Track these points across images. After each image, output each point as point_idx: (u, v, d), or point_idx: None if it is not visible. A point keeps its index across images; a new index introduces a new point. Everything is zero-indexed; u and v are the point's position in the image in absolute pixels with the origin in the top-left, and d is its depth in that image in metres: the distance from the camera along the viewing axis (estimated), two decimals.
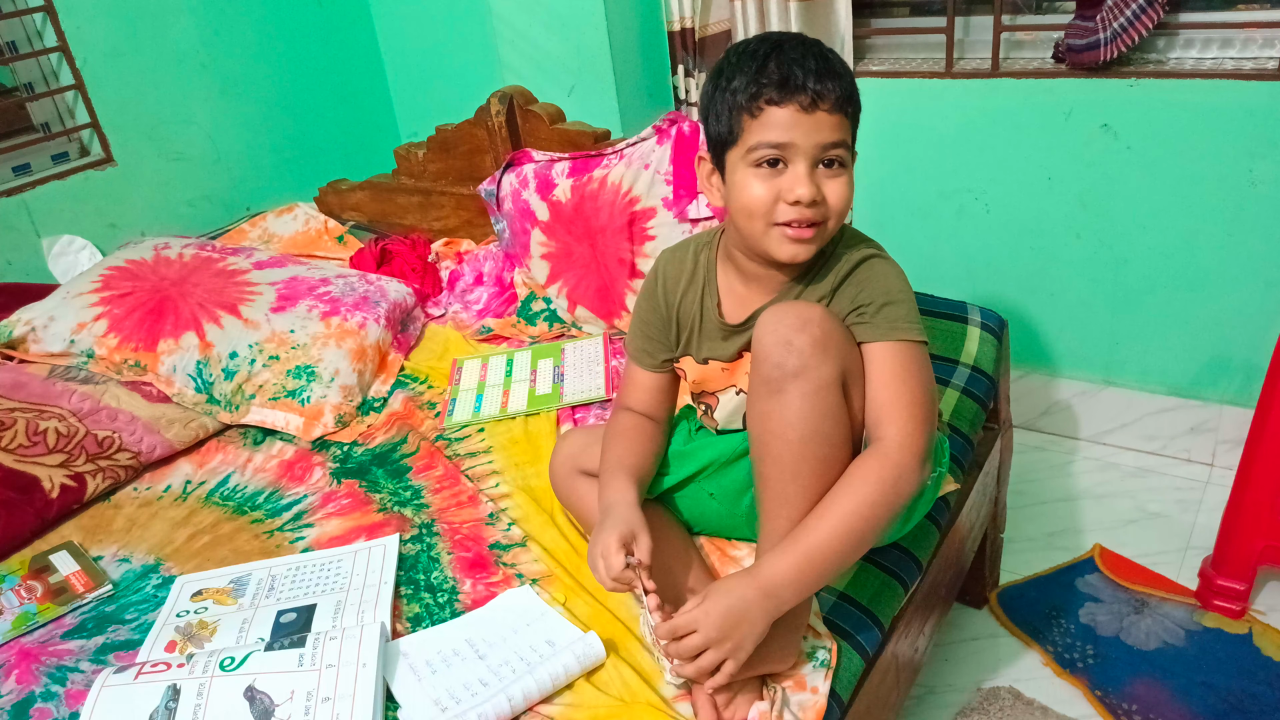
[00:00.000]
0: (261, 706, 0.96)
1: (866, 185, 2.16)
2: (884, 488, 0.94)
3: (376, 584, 1.17)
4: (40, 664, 1.13)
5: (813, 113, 0.94)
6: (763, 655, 0.95)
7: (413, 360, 1.75)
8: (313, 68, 2.40)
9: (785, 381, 0.94)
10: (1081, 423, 2.12)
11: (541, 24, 2.19)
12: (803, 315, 0.95)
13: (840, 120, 0.96)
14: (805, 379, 0.93)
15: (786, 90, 0.94)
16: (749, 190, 0.98)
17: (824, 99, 0.94)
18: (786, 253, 0.99)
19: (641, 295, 1.19)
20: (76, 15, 1.95)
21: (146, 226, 2.11)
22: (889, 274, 1.03)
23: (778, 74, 0.95)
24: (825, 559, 0.93)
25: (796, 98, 0.94)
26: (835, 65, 0.96)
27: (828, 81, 0.94)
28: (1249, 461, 1.52)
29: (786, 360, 0.93)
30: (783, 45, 0.97)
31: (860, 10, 2.04)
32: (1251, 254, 1.80)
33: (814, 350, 0.93)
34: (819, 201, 0.97)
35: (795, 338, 0.94)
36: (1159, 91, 1.77)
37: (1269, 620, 1.59)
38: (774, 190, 0.97)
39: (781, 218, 0.98)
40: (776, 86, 0.95)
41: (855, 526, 0.94)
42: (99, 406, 1.54)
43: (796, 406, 0.94)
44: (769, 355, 0.95)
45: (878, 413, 0.98)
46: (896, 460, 0.95)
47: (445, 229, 2.10)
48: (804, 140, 0.95)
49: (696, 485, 1.15)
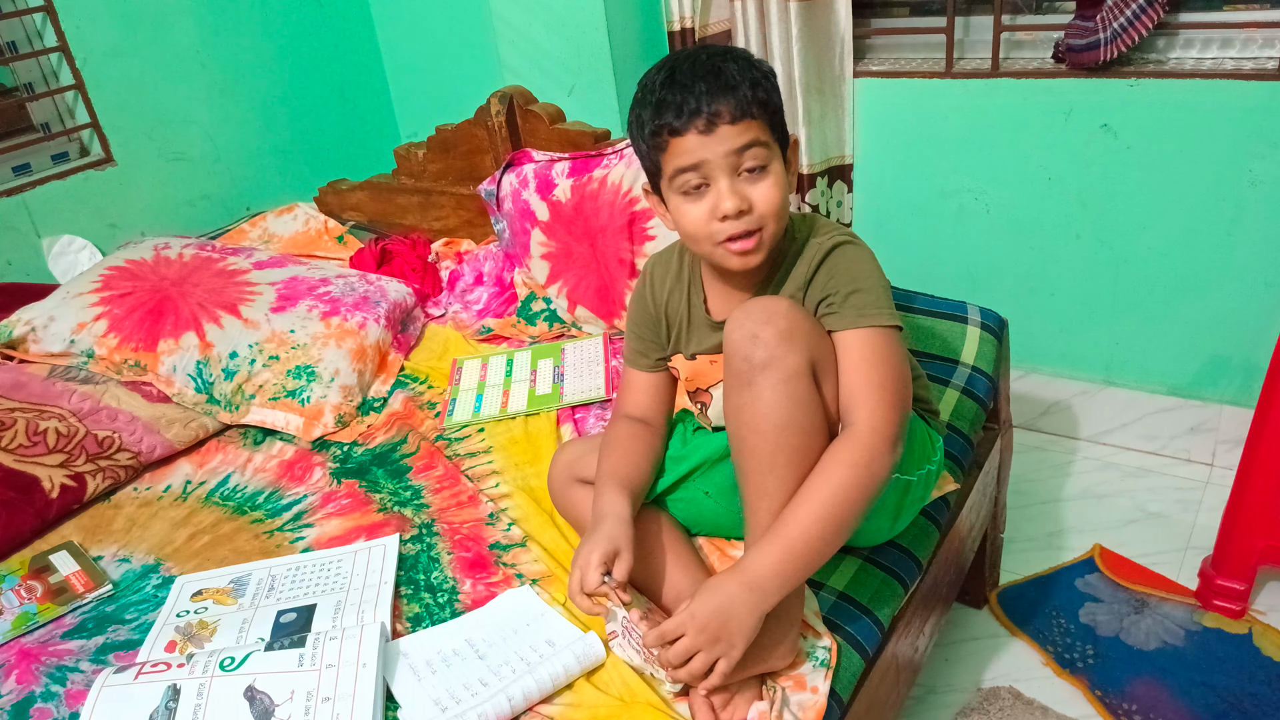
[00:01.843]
0: (261, 706, 0.96)
1: (867, 185, 2.18)
2: (857, 471, 0.95)
3: (376, 584, 1.17)
4: (40, 664, 1.13)
5: (713, 131, 0.97)
6: (758, 654, 0.96)
7: (413, 360, 1.75)
8: (313, 68, 2.41)
9: (754, 374, 0.95)
10: (1081, 423, 2.12)
11: (541, 24, 2.19)
12: (768, 309, 0.97)
13: (746, 125, 0.97)
14: (773, 370, 0.95)
15: (681, 117, 0.97)
16: (685, 217, 1.02)
17: (720, 116, 0.96)
18: (736, 264, 1.03)
19: (632, 299, 1.22)
20: (76, 15, 1.95)
21: (146, 226, 2.11)
22: (857, 259, 1.04)
23: (672, 104, 0.97)
24: (807, 548, 0.94)
25: (693, 123, 0.97)
26: (728, 77, 0.97)
27: (720, 98, 0.96)
28: (1249, 461, 1.52)
29: (754, 353, 0.95)
30: (674, 71, 0.99)
31: (860, 10, 2.04)
32: (1251, 254, 1.80)
33: (780, 341, 0.95)
34: (747, 210, 0.99)
35: (761, 330, 0.95)
36: (1159, 91, 1.77)
37: (1269, 620, 1.59)
38: (704, 211, 1.00)
39: (720, 236, 1.00)
40: (674, 116, 0.97)
41: (833, 513, 0.94)
42: (99, 406, 1.54)
43: (767, 398, 0.95)
44: (737, 350, 0.96)
45: (848, 399, 0.99)
46: (868, 444, 0.96)
47: (445, 229, 2.10)
48: (714, 156, 0.98)
49: (692, 484, 1.15)
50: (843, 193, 2.15)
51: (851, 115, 2.08)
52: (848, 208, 2.18)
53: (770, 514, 0.96)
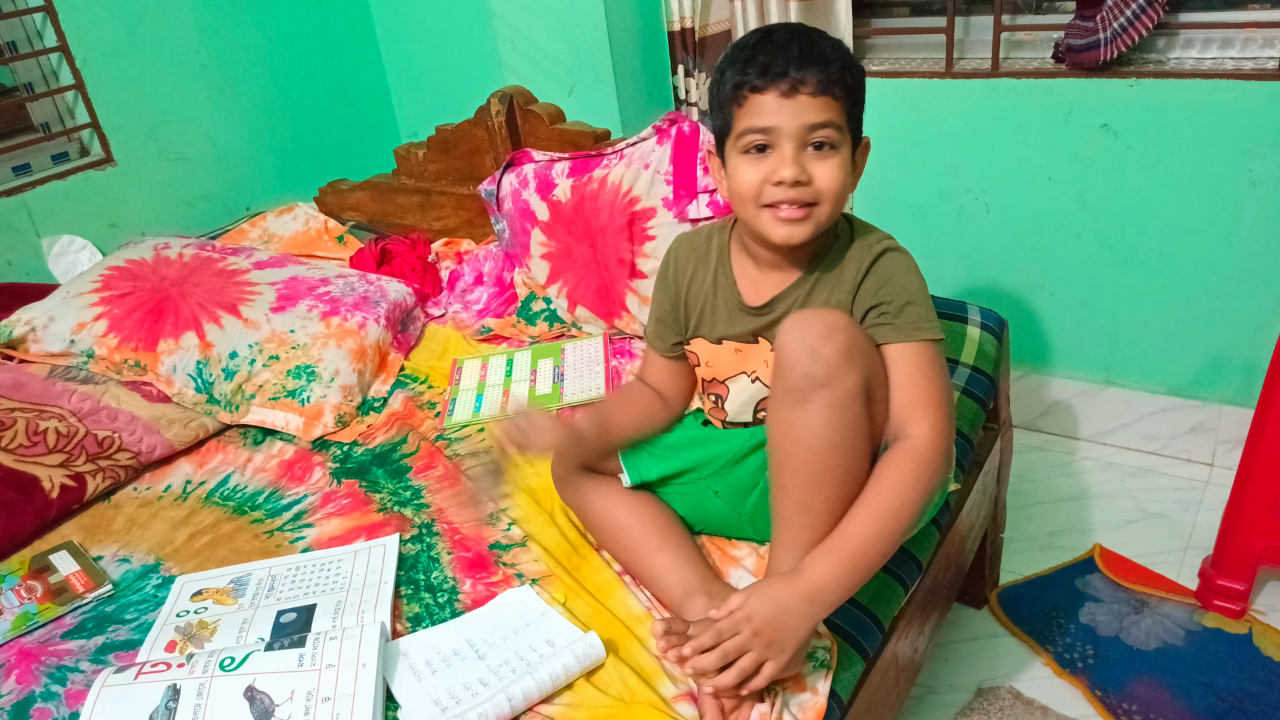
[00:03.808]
0: (261, 706, 0.96)
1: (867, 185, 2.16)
2: (920, 487, 0.95)
3: (376, 584, 1.17)
4: (40, 664, 1.13)
5: (794, 97, 0.97)
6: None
7: (413, 360, 1.75)
8: (313, 68, 2.40)
9: (812, 391, 0.93)
10: (1081, 423, 2.12)
11: (541, 24, 2.19)
12: (828, 323, 0.95)
13: (826, 102, 0.97)
14: (832, 389, 0.93)
15: (767, 77, 0.97)
16: (740, 176, 1.01)
17: (805, 84, 0.96)
18: (779, 234, 1.01)
19: (656, 280, 1.20)
20: (76, 15, 1.95)
21: (146, 226, 2.10)
22: (908, 270, 1.04)
23: (760, 63, 0.97)
24: (868, 560, 0.94)
25: (777, 84, 0.97)
26: (822, 50, 0.98)
27: (810, 66, 0.96)
28: (1249, 461, 1.52)
29: (814, 370, 0.93)
30: (771, 35, 1.00)
31: (860, 10, 2.04)
32: (1251, 254, 1.80)
33: (840, 359, 0.93)
34: (804, 182, 0.98)
35: (821, 346, 0.93)
36: (1159, 91, 1.77)
37: (1269, 620, 1.59)
38: (761, 173, 0.99)
39: (769, 199, 1.00)
40: (758, 74, 0.97)
41: (894, 528, 0.95)
42: (99, 406, 1.54)
43: (823, 417, 0.94)
44: (795, 364, 0.94)
45: (903, 411, 0.99)
46: (929, 459, 0.96)
47: (445, 229, 2.10)
48: (787, 123, 0.97)
49: (701, 482, 1.14)
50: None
51: None
52: (848, 208, 2.17)
53: (812, 530, 0.96)
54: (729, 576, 1.11)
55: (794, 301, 1.06)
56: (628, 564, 1.14)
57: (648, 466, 1.15)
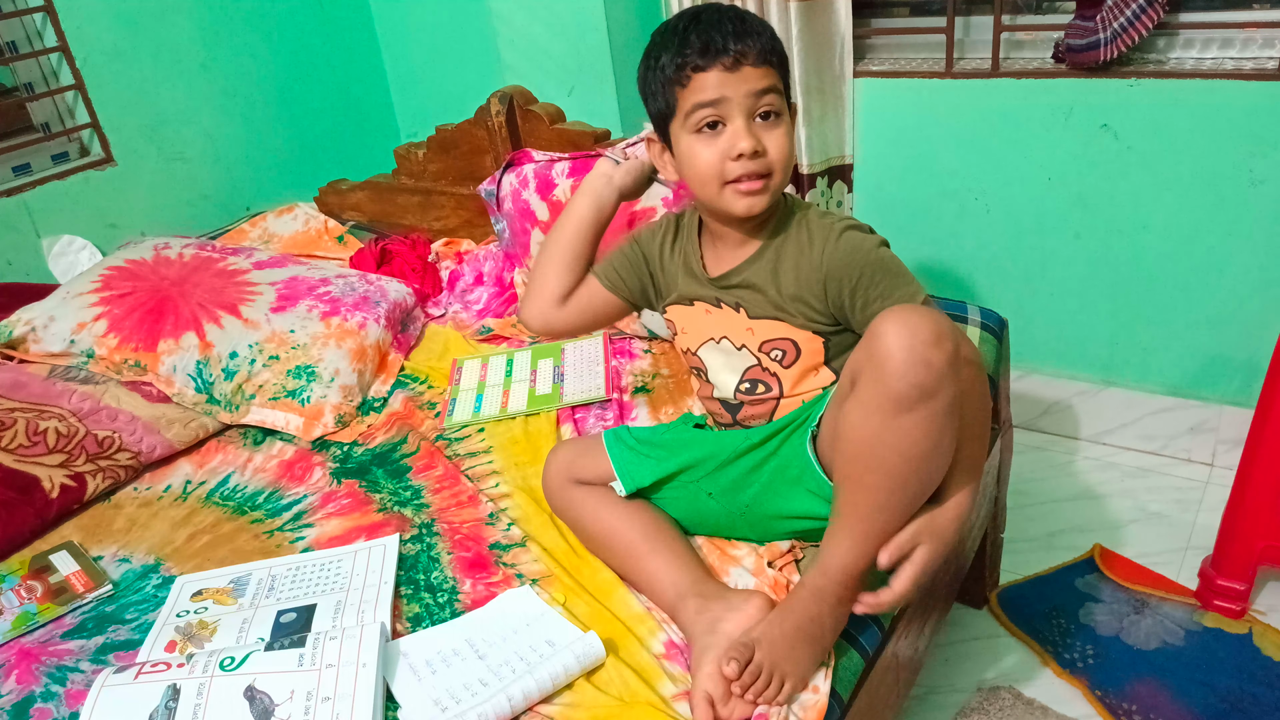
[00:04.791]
0: (261, 706, 0.96)
1: (867, 185, 2.18)
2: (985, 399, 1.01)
3: (376, 584, 1.17)
4: (40, 664, 1.13)
5: (737, 70, 1.01)
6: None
7: (413, 360, 1.75)
8: (313, 68, 2.41)
9: (919, 402, 0.90)
10: (1081, 423, 2.12)
11: (541, 24, 2.19)
12: (936, 328, 0.90)
13: (767, 71, 1.02)
14: (938, 399, 0.91)
15: (709, 55, 1.01)
16: (697, 157, 1.05)
17: (746, 56, 1.01)
18: (742, 207, 1.05)
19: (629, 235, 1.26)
20: (76, 15, 1.95)
21: (146, 226, 2.11)
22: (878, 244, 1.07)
23: (699, 42, 1.01)
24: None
25: (720, 60, 1.01)
26: (752, 24, 1.03)
27: (747, 39, 1.01)
28: (1249, 461, 1.52)
29: (926, 381, 0.89)
30: (700, 16, 1.04)
31: (860, 10, 2.04)
32: (1251, 254, 1.80)
33: (949, 367, 0.90)
34: (761, 153, 1.02)
35: (933, 355, 0.89)
36: (1159, 91, 1.77)
37: (1269, 620, 1.59)
38: (718, 151, 1.03)
39: (731, 175, 1.04)
40: (699, 54, 1.01)
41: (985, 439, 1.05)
42: (99, 406, 1.54)
43: (925, 427, 0.91)
44: (904, 372, 0.89)
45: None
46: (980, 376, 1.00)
47: (445, 229, 2.10)
48: (735, 93, 1.01)
49: (694, 485, 1.14)
50: (843, 193, 2.15)
51: (851, 115, 2.08)
52: (848, 208, 2.18)
53: (883, 526, 0.97)
54: (729, 576, 1.11)
55: (756, 272, 1.10)
56: (622, 570, 1.14)
57: (642, 473, 1.15)
